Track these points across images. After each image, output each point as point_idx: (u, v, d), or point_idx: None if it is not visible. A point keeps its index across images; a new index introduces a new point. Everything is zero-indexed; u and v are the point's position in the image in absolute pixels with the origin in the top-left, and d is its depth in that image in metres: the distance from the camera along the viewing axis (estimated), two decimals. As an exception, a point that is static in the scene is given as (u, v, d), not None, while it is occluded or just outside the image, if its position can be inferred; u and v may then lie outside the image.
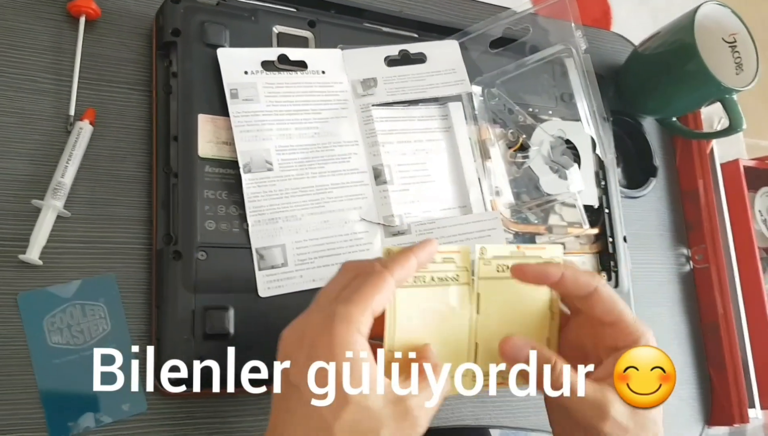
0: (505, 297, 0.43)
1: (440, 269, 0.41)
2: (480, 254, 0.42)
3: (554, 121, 0.62)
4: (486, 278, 0.43)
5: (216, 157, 0.50)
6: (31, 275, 0.46)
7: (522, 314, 0.44)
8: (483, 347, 0.43)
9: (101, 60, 0.51)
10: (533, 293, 0.44)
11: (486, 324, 0.43)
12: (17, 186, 0.47)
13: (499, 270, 0.43)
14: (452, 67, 0.59)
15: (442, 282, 0.42)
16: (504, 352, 0.41)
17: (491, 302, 0.43)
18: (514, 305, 0.44)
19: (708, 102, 0.69)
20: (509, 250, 0.43)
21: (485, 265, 0.42)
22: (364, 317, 0.36)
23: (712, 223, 0.73)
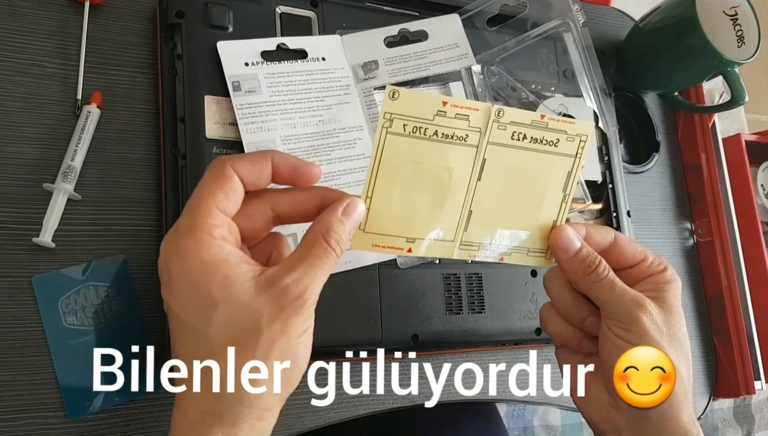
0: (515, 168, 0.40)
1: (448, 125, 0.37)
2: (496, 116, 0.38)
3: (556, 98, 0.63)
4: (497, 144, 0.39)
5: (223, 139, 0.50)
6: (44, 258, 0.46)
7: (531, 190, 0.42)
8: (477, 216, 0.40)
9: (106, 44, 0.51)
10: (548, 170, 0.41)
11: (486, 193, 0.40)
12: (28, 170, 0.47)
13: (514, 138, 0.39)
14: (455, 41, 0.59)
15: (445, 139, 0.38)
16: (555, 242, 0.42)
17: (497, 171, 0.40)
18: (523, 179, 0.41)
19: (710, 76, 0.69)
20: (531, 117, 0.39)
21: (499, 129, 0.38)
22: (210, 219, 0.34)
23: (715, 196, 0.74)
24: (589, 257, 0.42)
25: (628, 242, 0.44)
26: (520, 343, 0.58)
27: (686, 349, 0.42)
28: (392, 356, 0.55)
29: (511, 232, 0.42)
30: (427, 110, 0.37)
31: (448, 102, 0.36)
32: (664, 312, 0.42)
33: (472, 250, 0.41)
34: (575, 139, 0.40)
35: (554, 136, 0.40)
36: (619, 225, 0.63)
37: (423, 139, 0.37)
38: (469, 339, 0.55)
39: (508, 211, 0.42)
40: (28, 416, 0.44)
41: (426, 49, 0.58)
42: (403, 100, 0.36)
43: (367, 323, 0.51)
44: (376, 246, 0.39)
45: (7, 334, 0.45)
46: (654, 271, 0.44)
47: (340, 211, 0.36)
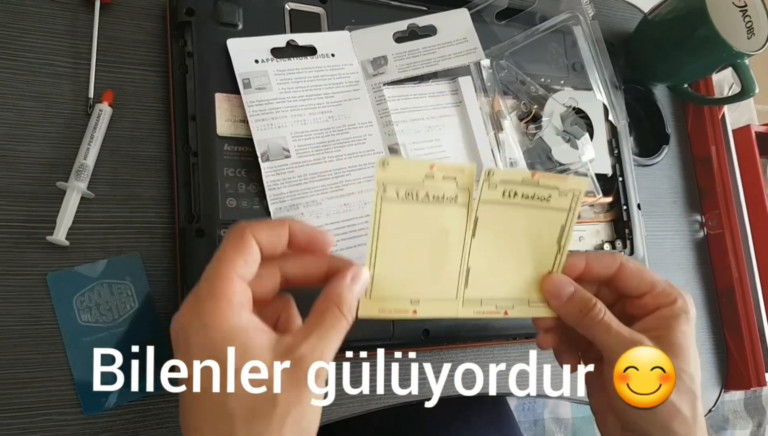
0: (509, 224, 0.41)
1: (438, 187, 0.38)
2: (485, 177, 0.39)
3: (566, 91, 0.62)
4: (488, 202, 0.40)
5: (234, 136, 0.50)
6: (58, 256, 0.47)
7: (526, 244, 0.42)
8: (475, 273, 0.41)
9: (117, 42, 0.51)
10: (541, 224, 0.42)
11: (482, 249, 0.41)
12: (41, 169, 0.47)
13: (505, 195, 0.40)
14: (464, 36, 0.59)
15: (436, 201, 0.39)
16: (546, 290, 0.42)
17: (491, 228, 0.40)
18: (517, 234, 0.42)
19: (719, 67, 0.69)
20: (521, 175, 0.40)
21: (489, 188, 0.39)
22: (231, 286, 0.34)
23: (725, 188, 0.73)
24: (581, 300, 0.42)
25: (635, 270, 0.43)
26: (531, 336, 0.58)
27: (692, 387, 0.41)
28: (392, 355, 0.55)
29: (510, 285, 0.43)
30: (415, 175, 0.38)
31: (434, 166, 0.37)
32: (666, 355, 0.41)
33: (474, 306, 0.41)
34: (568, 194, 0.41)
35: (546, 193, 0.40)
36: (630, 218, 0.63)
37: (416, 203, 0.38)
38: (480, 333, 0.55)
39: (505, 265, 0.42)
40: (44, 413, 0.45)
41: (435, 44, 0.58)
42: (393, 168, 0.37)
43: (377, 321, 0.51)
44: (382, 311, 0.40)
45: (22, 332, 0.45)
46: (661, 303, 0.43)
47: (349, 279, 0.37)
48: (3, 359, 0.45)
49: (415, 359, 0.56)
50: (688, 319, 0.42)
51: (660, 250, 0.71)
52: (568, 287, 0.42)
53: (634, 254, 0.63)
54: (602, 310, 0.41)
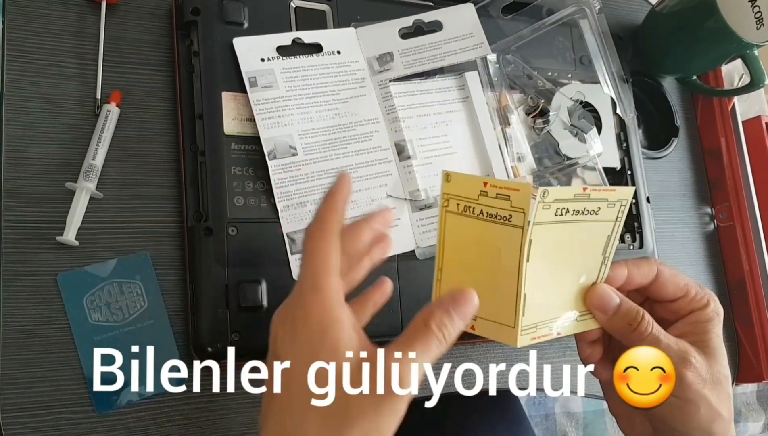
0: (559, 243, 0.40)
1: (491, 205, 0.38)
2: (541, 198, 0.37)
3: (573, 85, 0.62)
4: (542, 223, 0.38)
5: (241, 134, 0.50)
6: (68, 256, 0.47)
7: (574, 260, 0.42)
8: (531, 299, 0.40)
9: (124, 42, 0.52)
10: (589, 238, 0.41)
11: (536, 274, 0.39)
12: (50, 170, 0.48)
13: (557, 214, 0.39)
14: (470, 31, 0.58)
15: (490, 219, 0.38)
16: (591, 302, 0.42)
17: (544, 249, 0.39)
18: (567, 251, 0.41)
19: (728, 59, 0.69)
20: (573, 192, 0.39)
21: (544, 209, 0.38)
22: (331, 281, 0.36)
23: (735, 180, 0.73)
24: (630, 314, 0.41)
25: (670, 276, 0.43)
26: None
27: (728, 390, 0.42)
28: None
29: (559, 303, 0.42)
30: (472, 190, 0.38)
31: (489, 182, 0.37)
32: (707, 360, 0.41)
33: (531, 332, 0.40)
34: (615, 205, 0.40)
35: (595, 206, 0.40)
36: (639, 211, 0.63)
37: (473, 219, 0.38)
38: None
39: (557, 285, 0.41)
40: (56, 411, 0.45)
41: (441, 39, 0.58)
42: (454, 181, 0.38)
43: (387, 314, 0.51)
44: None
45: (34, 331, 0.46)
46: (695, 307, 0.43)
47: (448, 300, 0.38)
48: (15, 358, 0.45)
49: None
50: (720, 321, 0.43)
51: (670, 243, 0.70)
52: (614, 299, 0.42)
53: (644, 248, 0.62)
54: (650, 322, 0.41)
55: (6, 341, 0.45)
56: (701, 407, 0.40)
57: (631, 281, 0.43)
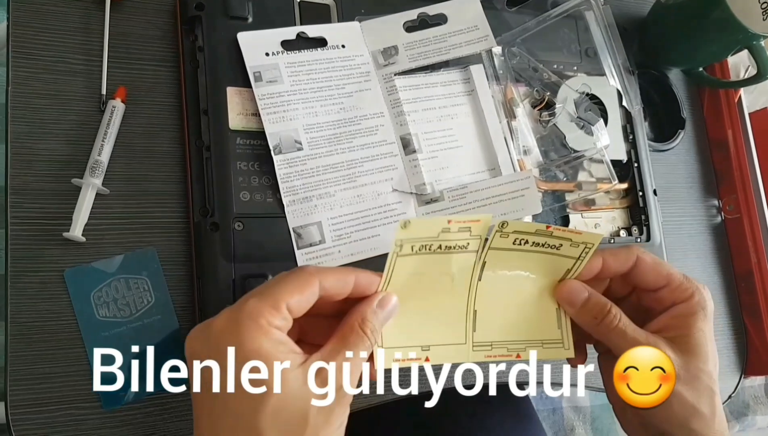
0: (514, 268, 0.42)
1: (452, 239, 0.39)
2: (498, 227, 0.39)
3: (579, 77, 0.62)
4: (497, 249, 0.40)
5: (246, 129, 0.50)
6: (75, 252, 0.47)
7: (531, 285, 0.43)
8: (482, 316, 0.42)
9: (129, 38, 0.52)
10: (546, 266, 0.42)
11: (488, 293, 0.41)
12: (57, 166, 0.48)
13: (515, 243, 0.40)
14: (474, 24, 0.58)
15: (447, 250, 0.39)
16: (560, 296, 0.42)
17: (498, 272, 0.41)
18: (522, 277, 0.42)
19: (735, 50, 0.68)
20: (535, 227, 0.40)
21: (502, 237, 0.40)
22: (276, 311, 0.35)
23: (742, 172, 0.72)
24: (596, 307, 0.42)
25: (651, 264, 0.43)
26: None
27: (709, 386, 0.41)
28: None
29: (519, 328, 0.43)
30: (433, 230, 0.38)
31: (452, 220, 0.38)
32: (683, 356, 0.40)
33: (485, 350, 0.42)
34: (579, 246, 0.41)
35: (557, 242, 0.41)
36: (646, 204, 0.62)
37: (428, 254, 0.39)
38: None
39: (512, 307, 0.43)
40: (64, 407, 0.45)
41: (446, 32, 0.58)
42: (413, 228, 0.38)
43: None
44: (396, 360, 0.41)
45: (42, 327, 0.46)
46: (678, 298, 0.42)
47: (375, 303, 0.39)
48: (23, 354, 0.45)
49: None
50: (706, 315, 0.42)
51: (677, 235, 0.70)
52: (582, 293, 0.42)
53: (651, 240, 0.62)
54: (617, 315, 0.41)
55: (14, 338, 0.45)
56: (673, 403, 0.40)
57: (607, 269, 0.43)
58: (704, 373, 0.41)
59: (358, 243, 0.51)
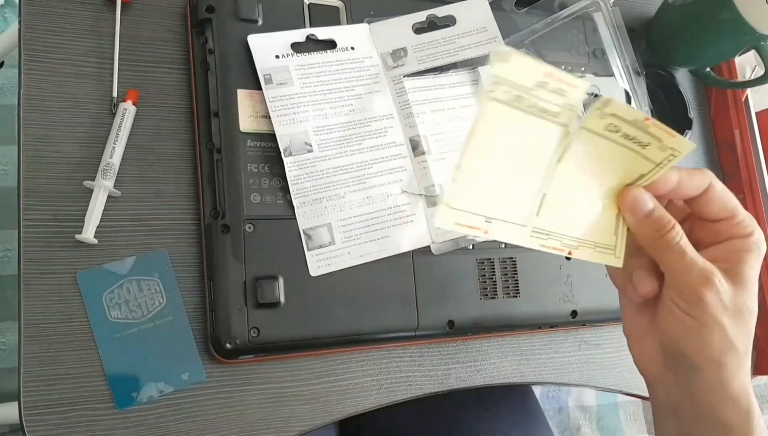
0: (598, 158, 0.38)
1: (546, 98, 0.34)
2: (600, 105, 0.34)
3: (587, 78, 0.62)
4: (590, 130, 0.36)
5: (257, 132, 0.51)
6: (87, 254, 0.47)
7: (605, 182, 0.39)
8: (550, 202, 0.38)
9: (139, 41, 0.52)
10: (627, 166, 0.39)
11: (563, 178, 0.37)
12: (69, 168, 0.48)
13: (608, 128, 0.36)
14: (483, 25, 0.58)
15: (539, 113, 0.35)
16: (623, 203, 0.40)
17: (580, 157, 0.37)
18: (603, 170, 0.39)
19: (742, 50, 0.68)
20: (634, 116, 0.35)
21: (599, 117, 0.35)
22: None
23: (749, 172, 0.72)
24: (660, 221, 0.39)
25: (721, 193, 0.40)
26: (555, 326, 0.58)
27: (749, 324, 0.39)
28: (427, 342, 0.55)
29: (581, 223, 0.40)
30: (530, 78, 0.34)
31: (552, 73, 0.33)
32: (734, 287, 0.39)
33: (541, 238, 0.39)
34: (666, 151, 0.38)
35: (647, 139, 0.37)
36: (653, 205, 0.62)
37: (520, 110, 0.34)
38: (504, 323, 0.55)
39: (581, 200, 0.40)
40: (78, 408, 0.46)
41: (454, 34, 0.58)
42: (512, 64, 0.32)
43: (403, 310, 0.52)
44: (458, 224, 0.36)
45: (54, 329, 0.46)
46: (737, 233, 0.40)
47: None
48: (36, 356, 0.46)
49: (440, 350, 0.56)
50: (760, 254, 0.40)
51: (684, 236, 0.70)
52: (648, 203, 0.39)
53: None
54: (680, 233, 0.39)
55: (27, 339, 0.46)
56: (715, 333, 0.38)
57: (680, 189, 0.40)
58: (749, 310, 0.39)
59: (368, 244, 0.51)
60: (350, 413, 0.53)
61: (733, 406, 0.40)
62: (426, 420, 0.66)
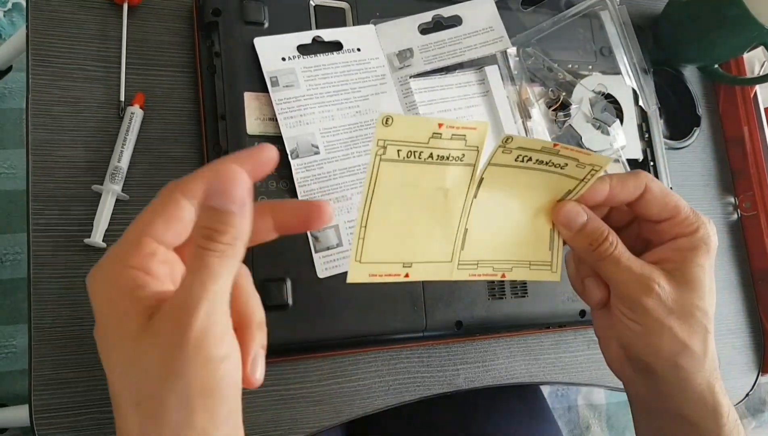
0: (514, 185, 0.38)
1: (444, 147, 0.35)
2: (502, 143, 0.35)
3: (594, 76, 0.62)
4: (498, 165, 0.37)
5: (263, 134, 0.51)
6: (96, 258, 0.47)
7: (528, 204, 0.40)
8: (473, 234, 0.38)
9: (146, 45, 0.52)
10: (548, 185, 0.39)
11: (483, 211, 0.38)
12: (77, 173, 0.48)
13: (517, 160, 0.37)
14: (489, 25, 0.58)
15: (440, 161, 0.35)
16: (557, 218, 0.40)
17: (495, 189, 0.38)
18: (520, 195, 0.39)
19: (750, 47, 0.68)
20: (541, 144, 0.36)
21: (504, 153, 0.36)
22: (139, 250, 0.29)
23: (759, 169, 0.72)
24: (593, 233, 0.39)
25: (659, 195, 0.40)
26: (564, 325, 0.58)
27: (703, 323, 0.39)
28: (435, 343, 0.55)
29: (509, 247, 0.40)
30: (422, 134, 0.34)
31: (444, 124, 0.34)
32: (678, 288, 0.38)
33: (470, 268, 0.39)
34: (586, 168, 0.38)
35: (563, 161, 0.38)
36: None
37: (418, 163, 0.35)
38: (513, 323, 0.55)
39: (506, 226, 0.40)
40: (88, 412, 0.46)
41: (460, 34, 0.58)
42: (397, 126, 0.34)
43: (411, 311, 0.52)
44: (372, 276, 0.37)
45: (64, 333, 0.46)
46: (681, 232, 0.40)
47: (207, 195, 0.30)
48: (46, 360, 0.46)
49: (448, 351, 0.56)
50: (708, 250, 0.40)
51: (693, 234, 0.70)
52: (580, 216, 0.39)
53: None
54: (613, 243, 0.39)
55: (37, 343, 0.46)
56: (664, 337, 0.38)
57: (614, 197, 0.40)
58: (699, 309, 0.39)
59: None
60: (358, 415, 0.53)
61: (697, 405, 0.40)
62: (434, 421, 0.66)
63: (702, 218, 0.40)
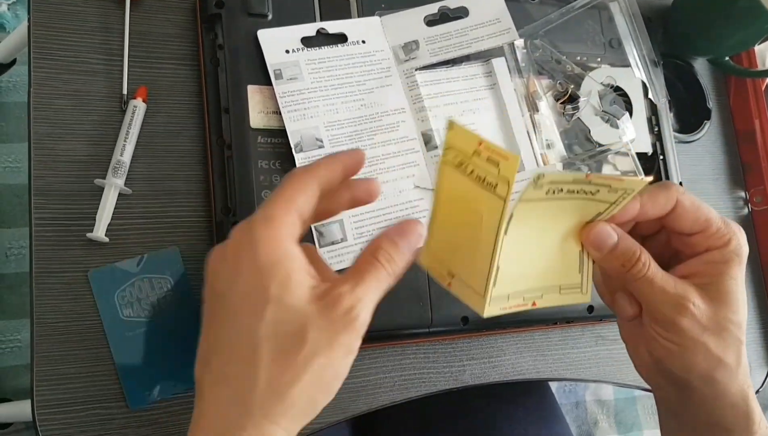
0: (544, 217, 0.38)
1: (482, 167, 0.35)
2: (534, 181, 0.35)
3: (603, 69, 0.61)
4: (529, 200, 0.36)
5: (267, 127, 0.50)
6: (99, 252, 0.47)
7: (558, 232, 0.39)
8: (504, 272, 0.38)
9: (149, 37, 0.52)
10: (579, 211, 0.38)
11: (513, 247, 0.37)
12: (79, 167, 0.48)
13: (548, 193, 0.36)
14: (496, 17, 0.57)
15: (479, 182, 0.35)
16: (587, 240, 0.39)
17: (525, 223, 0.37)
18: (551, 225, 0.38)
19: (762, 39, 0.67)
20: (573, 177, 0.35)
21: (536, 189, 0.35)
22: (287, 217, 0.33)
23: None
24: (625, 254, 0.39)
25: (690, 208, 0.39)
26: (572, 321, 0.57)
27: (737, 335, 0.39)
28: (441, 339, 0.55)
29: (538, 274, 0.40)
30: (468, 145, 0.35)
31: (483, 142, 0.34)
32: (712, 305, 0.38)
33: (501, 302, 0.38)
34: (618, 191, 0.37)
35: (594, 188, 0.37)
36: (671, 197, 0.61)
37: (464, 176, 0.36)
38: (520, 319, 0.55)
39: (535, 257, 0.39)
40: (90, 407, 0.46)
41: (467, 26, 0.57)
42: (457, 133, 0.35)
43: (416, 306, 0.51)
44: (429, 267, 0.39)
45: (66, 328, 0.46)
46: (713, 244, 0.39)
47: (394, 231, 0.36)
48: (48, 355, 0.45)
49: (454, 347, 0.56)
50: (740, 261, 0.39)
51: (703, 228, 0.69)
52: (611, 237, 0.39)
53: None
54: (646, 263, 0.38)
55: (39, 338, 0.46)
56: (698, 354, 0.38)
57: (645, 214, 0.39)
58: (733, 324, 0.38)
59: (381, 240, 0.51)
60: (364, 411, 0.52)
61: (731, 412, 0.40)
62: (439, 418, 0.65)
63: (733, 228, 0.39)
